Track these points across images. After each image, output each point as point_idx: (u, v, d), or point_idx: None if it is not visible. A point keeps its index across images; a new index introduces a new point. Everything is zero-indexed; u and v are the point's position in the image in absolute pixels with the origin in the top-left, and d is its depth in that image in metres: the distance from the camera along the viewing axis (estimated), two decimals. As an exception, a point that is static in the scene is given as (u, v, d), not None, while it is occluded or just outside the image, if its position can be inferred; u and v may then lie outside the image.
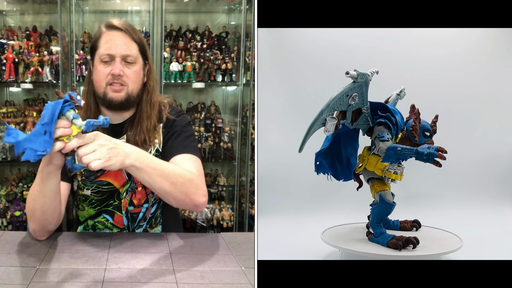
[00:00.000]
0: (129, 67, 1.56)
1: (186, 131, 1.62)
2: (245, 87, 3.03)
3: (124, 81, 1.55)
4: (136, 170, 1.30)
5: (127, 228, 1.64)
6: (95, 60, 1.58)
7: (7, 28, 2.99)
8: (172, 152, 1.56)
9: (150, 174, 1.32)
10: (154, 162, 1.34)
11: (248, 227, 3.04)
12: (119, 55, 1.54)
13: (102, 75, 1.55)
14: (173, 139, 1.59)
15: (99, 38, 1.57)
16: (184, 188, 1.39)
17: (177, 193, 1.39)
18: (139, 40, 1.59)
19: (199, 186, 1.45)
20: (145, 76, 1.63)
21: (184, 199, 1.42)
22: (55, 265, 1.24)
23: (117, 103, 1.56)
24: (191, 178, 1.42)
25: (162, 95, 1.74)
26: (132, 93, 1.57)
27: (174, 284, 1.16)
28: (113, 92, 1.55)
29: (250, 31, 2.97)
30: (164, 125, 1.63)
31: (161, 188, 1.36)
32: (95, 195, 1.61)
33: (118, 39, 1.55)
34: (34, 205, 1.37)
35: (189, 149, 1.56)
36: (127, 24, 1.59)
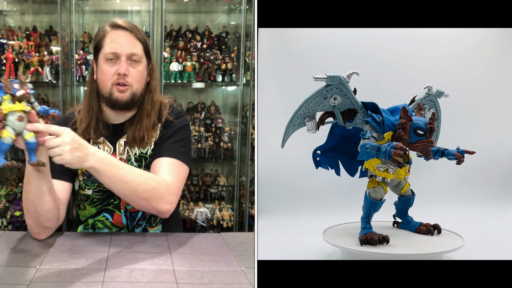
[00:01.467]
0: (134, 66, 1.57)
1: (180, 134, 1.62)
2: (245, 87, 3.03)
3: (128, 81, 1.56)
4: (95, 172, 1.36)
5: (126, 227, 1.64)
6: (99, 59, 1.58)
7: (7, 28, 2.99)
8: (158, 154, 1.57)
9: (110, 178, 1.38)
10: (116, 167, 1.39)
11: (248, 227, 3.04)
12: (124, 53, 1.54)
13: (107, 75, 1.55)
14: (164, 140, 1.60)
15: (104, 37, 1.57)
16: (145, 195, 1.43)
17: (137, 198, 1.44)
18: (143, 40, 1.60)
19: (166, 193, 1.47)
20: (148, 76, 1.64)
21: (144, 205, 1.46)
22: (55, 265, 1.24)
23: (122, 103, 1.57)
24: (154, 187, 1.44)
25: (163, 95, 1.74)
26: (136, 93, 1.58)
27: (174, 284, 1.16)
28: (118, 93, 1.55)
29: (250, 31, 2.97)
30: (163, 125, 1.64)
31: (120, 192, 1.42)
32: (97, 194, 1.61)
33: (124, 38, 1.56)
34: (26, 202, 1.38)
35: (175, 153, 1.57)
36: (131, 23, 1.60)
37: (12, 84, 1.17)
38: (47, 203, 1.38)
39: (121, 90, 1.55)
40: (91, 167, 1.33)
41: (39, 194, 1.35)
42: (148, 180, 1.45)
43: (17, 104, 1.18)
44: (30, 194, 1.35)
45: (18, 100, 1.18)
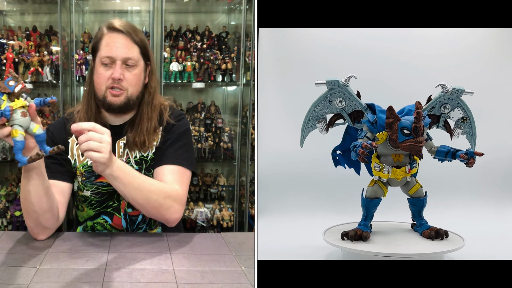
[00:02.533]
0: (129, 71, 1.55)
1: (182, 139, 1.62)
2: (245, 87, 3.03)
3: (123, 85, 1.54)
4: (113, 179, 1.37)
5: (125, 230, 1.63)
6: (96, 62, 1.57)
7: (7, 28, 2.99)
8: (162, 160, 1.57)
9: (126, 186, 1.39)
10: (133, 176, 1.41)
11: (248, 227, 3.04)
12: (119, 58, 1.52)
13: (102, 78, 1.54)
14: (167, 146, 1.60)
15: (100, 39, 1.55)
16: (157, 204, 1.45)
17: (149, 207, 1.46)
18: (141, 42, 1.57)
19: (175, 203, 1.49)
20: (147, 78, 1.62)
21: (155, 214, 1.49)
22: (55, 265, 1.24)
23: (116, 107, 1.55)
24: (166, 197, 1.47)
25: (162, 97, 1.73)
26: (132, 96, 1.57)
27: (174, 284, 1.16)
28: (112, 97, 1.54)
29: (250, 31, 2.97)
30: (164, 128, 1.63)
31: (134, 200, 1.43)
32: (95, 196, 1.60)
33: (119, 41, 1.53)
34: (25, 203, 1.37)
35: (179, 160, 1.57)
36: (128, 25, 1.57)
37: (7, 82, 1.16)
38: (46, 203, 1.37)
39: (115, 94, 1.54)
40: (111, 174, 1.34)
41: (37, 194, 1.34)
42: (161, 189, 1.47)
43: (17, 101, 1.17)
44: (28, 195, 1.34)
45: (16, 97, 1.17)
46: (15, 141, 1.18)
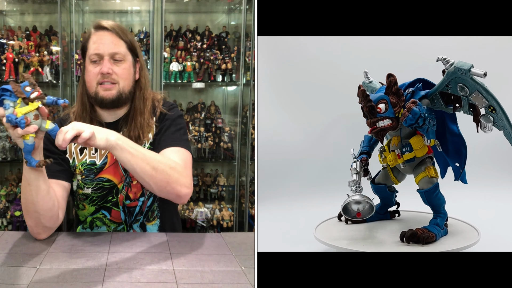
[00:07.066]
0: (118, 65, 1.58)
1: (177, 124, 1.64)
2: (245, 87, 3.03)
3: (114, 79, 1.57)
4: (120, 149, 1.36)
5: (124, 222, 1.65)
6: (85, 61, 1.61)
7: (7, 28, 2.99)
8: (162, 145, 1.58)
9: (133, 155, 1.37)
10: (136, 145, 1.42)
11: (248, 227, 3.04)
12: (107, 53, 1.56)
13: (92, 75, 1.57)
14: (162, 132, 1.61)
15: (88, 39, 1.60)
16: (165, 175, 1.42)
17: (158, 179, 1.41)
18: (127, 39, 1.62)
19: (182, 176, 1.47)
20: (137, 73, 1.66)
21: (165, 187, 1.44)
22: (55, 265, 1.24)
23: (109, 101, 1.58)
24: (173, 166, 1.45)
25: (156, 91, 1.75)
26: (124, 90, 1.59)
27: (174, 284, 1.16)
28: (104, 91, 1.57)
29: (250, 31, 2.97)
30: (158, 118, 1.65)
31: (143, 171, 1.39)
32: (96, 192, 1.62)
33: (106, 38, 1.58)
34: (25, 203, 1.38)
35: (178, 142, 1.58)
36: (115, 24, 1.62)
37: (24, 87, 1.17)
38: (47, 202, 1.38)
39: (107, 88, 1.56)
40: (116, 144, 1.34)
41: (38, 194, 1.35)
42: (165, 160, 1.46)
43: (31, 104, 1.18)
44: (29, 195, 1.35)
45: (31, 101, 1.18)
46: (26, 144, 1.21)
